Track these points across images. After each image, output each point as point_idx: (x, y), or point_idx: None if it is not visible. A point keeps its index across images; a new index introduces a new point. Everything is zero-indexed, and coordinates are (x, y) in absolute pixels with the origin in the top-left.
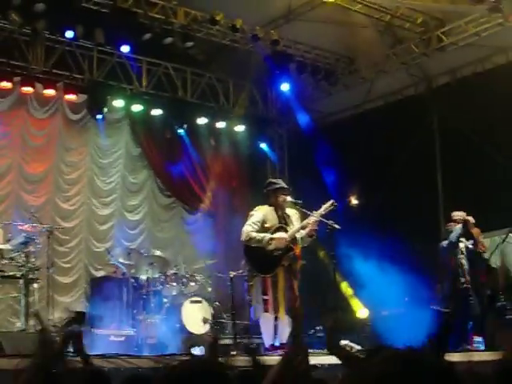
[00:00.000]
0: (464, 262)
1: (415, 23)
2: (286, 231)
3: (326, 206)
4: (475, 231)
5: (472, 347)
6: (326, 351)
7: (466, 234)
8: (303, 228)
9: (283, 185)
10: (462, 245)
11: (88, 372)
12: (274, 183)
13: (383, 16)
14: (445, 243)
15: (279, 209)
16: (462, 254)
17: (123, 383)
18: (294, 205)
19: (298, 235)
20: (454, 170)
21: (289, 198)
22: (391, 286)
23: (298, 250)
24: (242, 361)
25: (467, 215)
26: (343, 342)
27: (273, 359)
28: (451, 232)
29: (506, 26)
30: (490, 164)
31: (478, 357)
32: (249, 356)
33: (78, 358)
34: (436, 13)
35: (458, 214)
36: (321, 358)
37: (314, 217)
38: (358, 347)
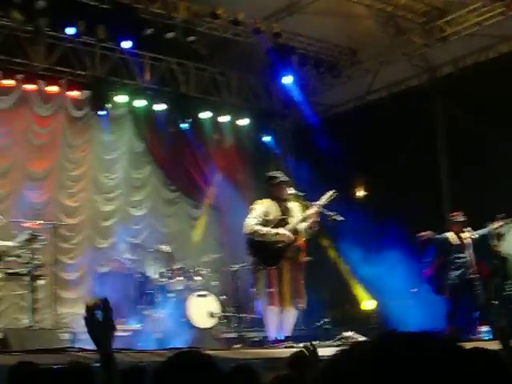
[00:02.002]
0: (469, 252)
1: (417, 13)
2: (288, 223)
3: (326, 196)
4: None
5: (478, 337)
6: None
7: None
8: (304, 220)
9: (284, 178)
10: (467, 234)
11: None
12: (275, 177)
13: (385, 6)
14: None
15: (281, 201)
16: (466, 244)
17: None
18: (297, 197)
19: (299, 227)
20: (457, 160)
21: (291, 191)
22: (398, 278)
23: (300, 242)
24: (246, 353)
25: (463, 214)
26: (347, 334)
27: (277, 352)
28: (455, 222)
29: (508, 15)
30: (493, 152)
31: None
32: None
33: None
34: (437, 3)
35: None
36: (328, 350)
37: (315, 208)
38: (363, 339)
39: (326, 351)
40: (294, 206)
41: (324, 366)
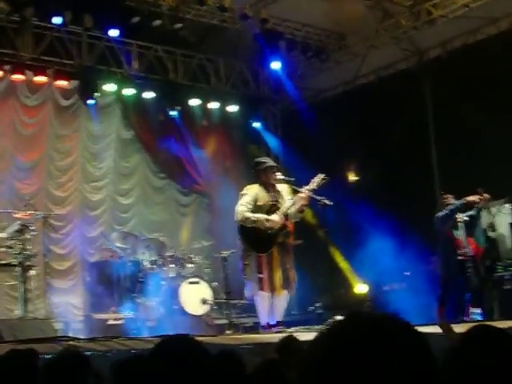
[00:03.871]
0: (460, 233)
1: None
2: (278, 208)
3: (316, 181)
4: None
5: (469, 319)
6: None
7: (465, 208)
8: (294, 204)
9: (271, 163)
10: (458, 216)
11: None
12: (263, 162)
13: None
14: (440, 215)
15: (270, 187)
16: (458, 225)
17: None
18: (286, 182)
19: (290, 211)
20: (447, 142)
21: (279, 176)
22: (390, 261)
23: (290, 226)
24: (237, 339)
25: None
26: (339, 318)
27: (267, 337)
28: (447, 204)
29: None
30: (483, 135)
31: None
32: None
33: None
34: None
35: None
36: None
37: (305, 192)
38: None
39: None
40: (283, 189)
41: (306, 349)
